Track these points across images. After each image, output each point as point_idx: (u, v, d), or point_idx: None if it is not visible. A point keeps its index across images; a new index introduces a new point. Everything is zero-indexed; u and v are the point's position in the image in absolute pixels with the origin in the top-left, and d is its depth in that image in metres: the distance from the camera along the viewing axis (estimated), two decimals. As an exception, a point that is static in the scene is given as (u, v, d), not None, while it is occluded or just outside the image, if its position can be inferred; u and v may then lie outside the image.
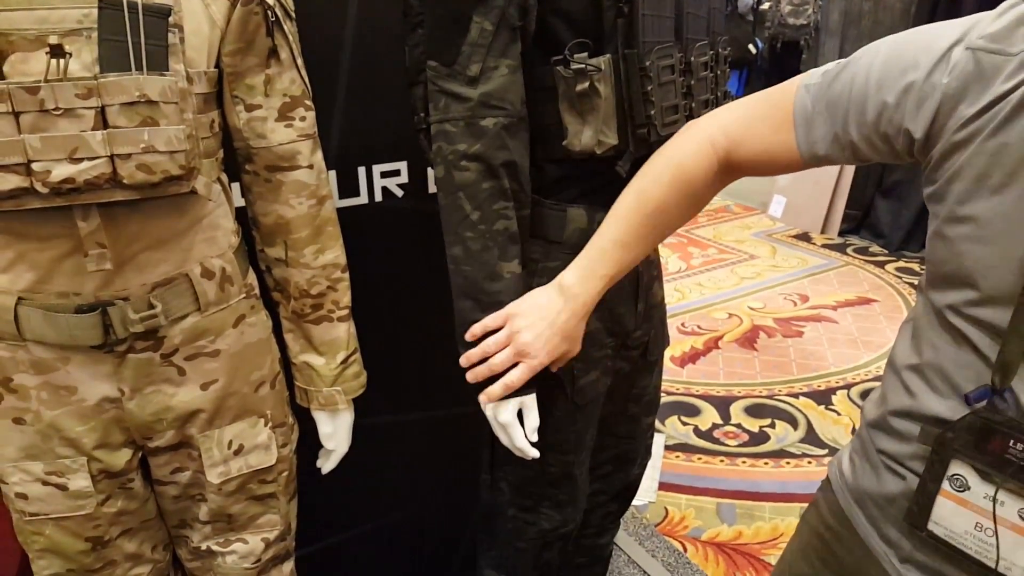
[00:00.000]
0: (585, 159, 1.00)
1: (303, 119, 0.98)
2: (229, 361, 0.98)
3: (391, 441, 1.49)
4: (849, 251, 4.31)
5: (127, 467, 0.96)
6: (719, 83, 1.14)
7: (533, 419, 1.01)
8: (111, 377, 0.90)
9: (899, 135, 0.68)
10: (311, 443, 1.16)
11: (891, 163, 0.74)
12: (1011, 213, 0.61)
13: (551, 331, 0.94)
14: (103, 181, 0.77)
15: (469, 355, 0.98)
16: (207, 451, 0.99)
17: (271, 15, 0.91)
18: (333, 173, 1.25)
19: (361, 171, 1.29)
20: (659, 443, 2.45)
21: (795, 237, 4.55)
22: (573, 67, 0.94)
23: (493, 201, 0.95)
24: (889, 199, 4.37)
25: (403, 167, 1.33)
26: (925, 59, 0.65)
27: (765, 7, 6.35)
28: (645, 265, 1.17)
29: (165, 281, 0.90)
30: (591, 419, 1.18)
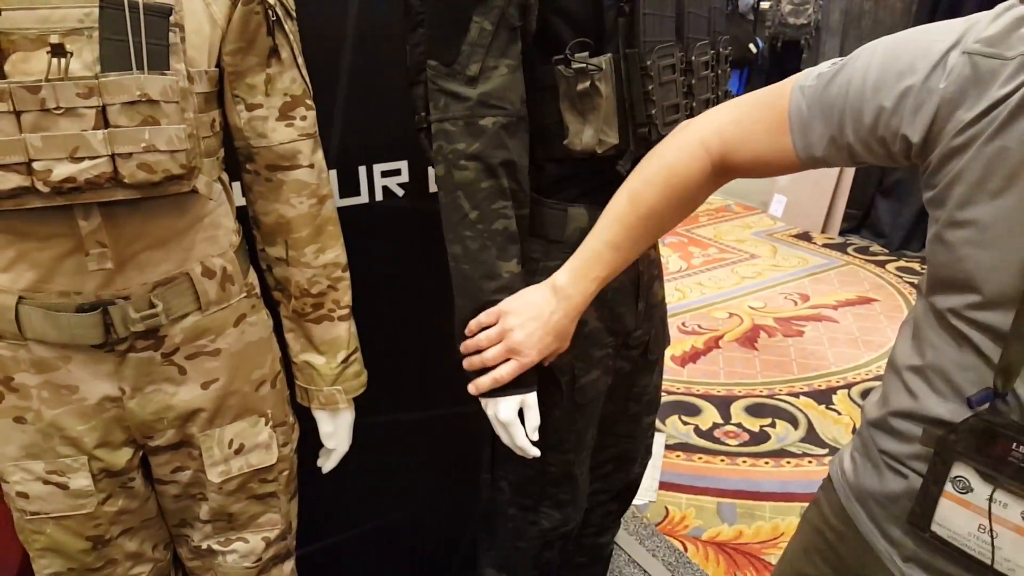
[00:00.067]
0: (586, 158, 1.00)
1: (304, 118, 0.98)
2: (230, 360, 0.98)
3: (392, 440, 1.49)
4: (850, 251, 4.30)
5: (128, 466, 0.96)
6: (720, 82, 1.14)
7: (534, 418, 1.02)
8: (112, 376, 0.91)
9: (896, 140, 0.68)
10: (312, 442, 1.16)
11: (888, 165, 0.74)
12: (1011, 217, 0.61)
13: (543, 331, 0.94)
14: (104, 180, 0.77)
15: (465, 345, 0.99)
16: (208, 450, 0.99)
17: (272, 14, 0.91)
18: (334, 172, 1.25)
19: (362, 170, 1.29)
20: (659, 442, 2.45)
21: (796, 236, 4.55)
22: (574, 66, 0.94)
23: (492, 200, 0.96)
24: (890, 199, 4.37)
25: (404, 166, 1.33)
26: (922, 63, 0.65)
27: (766, 6, 6.35)
28: (646, 264, 1.17)
29: (166, 280, 0.90)
30: (592, 418, 1.18)
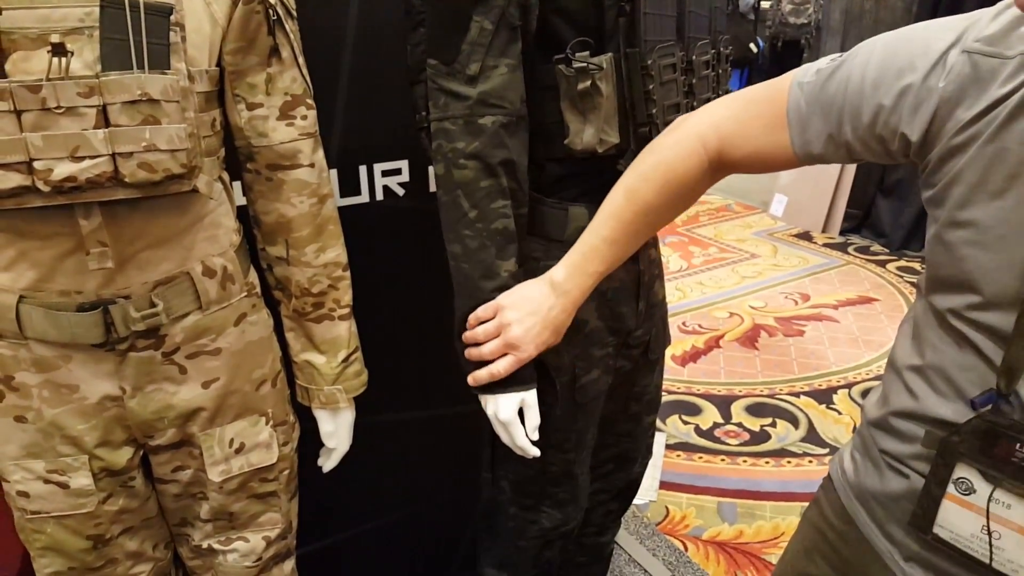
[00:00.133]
0: (586, 158, 1.00)
1: (304, 118, 0.98)
2: (230, 359, 0.98)
3: (392, 440, 1.49)
4: (850, 250, 4.30)
5: (128, 465, 0.96)
6: (720, 82, 1.14)
7: (534, 417, 1.02)
8: (112, 375, 0.91)
9: (895, 138, 0.67)
10: (312, 441, 1.16)
11: (887, 163, 0.74)
12: (1011, 217, 0.61)
13: (541, 326, 0.95)
14: (105, 179, 0.77)
15: (465, 336, 0.99)
16: (208, 449, 0.99)
17: (272, 14, 0.91)
18: (334, 172, 1.25)
19: (362, 170, 1.29)
20: (660, 442, 2.45)
21: (796, 236, 4.55)
22: (575, 66, 0.94)
23: (491, 200, 0.96)
24: (890, 198, 4.37)
25: (404, 166, 1.33)
26: (922, 62, 0.65)
27: (766, 6, 6.35)
28: (647, 264, 1.17)
29: (166, 279, 0.90)
30: (592, 417, 1.18)
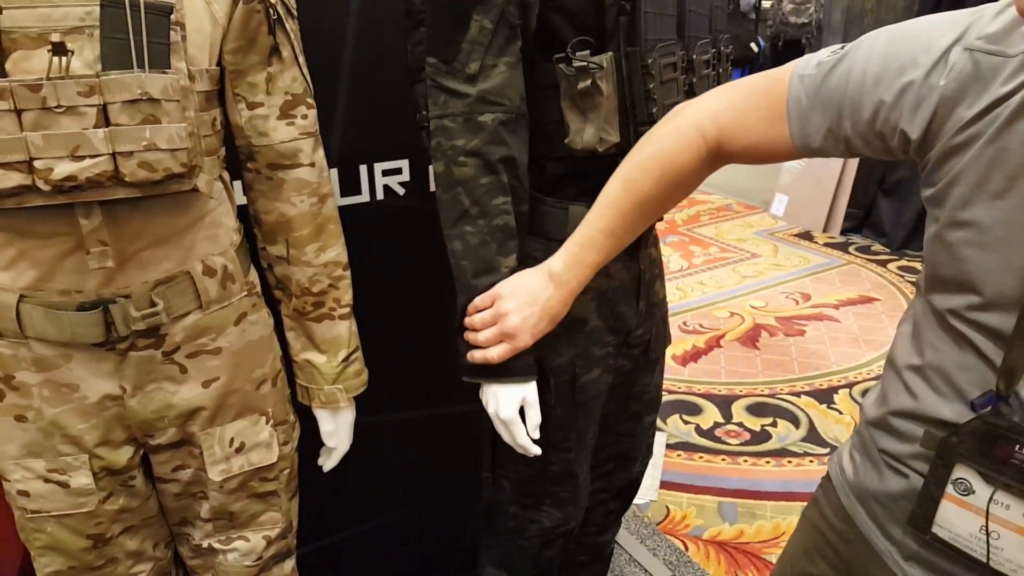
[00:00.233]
0: (587, 157, 1.00)
1: (305, 117, 0.98)
2: (231, 359, 0.98)
3: (392, 439, 1.49)
4: (851, 250, 4.30)
5: (128, 465, 0.96)
6: (721, 81, 1.14)
7: (534, 416, 1.02)
8: (113, 375, 0.91)
9: (895, 135, 0.67)
10: (312, 441, 1.16)
11: (885, 159, 0.73)
12: (1012, 219, 0.60)
13: (539, 315, 0.95)
14: (105, 179, 0.77)
15: (465, 322, 1.00)
16: (208, 449, 0.99)
17: (273, 13, 0.91)
18: (335, 171, 1.25)
19: (363, 169, 1.29)
20: (660, 442, 2.45)
21: (797, 236, 4.55)
22: (575, 65, 0.94)
23: (492, 196, 0.96)
24: (891, 198, 4.36)
25: (405, 165, 1.33)
26: (924, 58, 0.64)
27: (767, 5, 6.35)
28: (647, 263, 1.17)
29: (167, 279, 0.90)
30: (592, 417, 1.18)
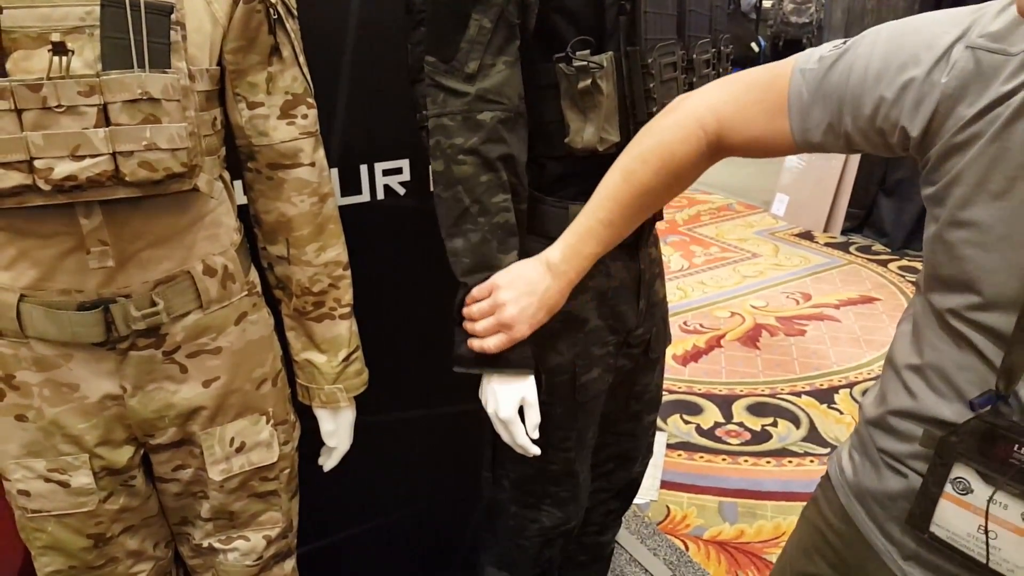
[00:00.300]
0: (587, 156, 1.00)
1: (305, 117, 0.98)
2: (231, 358, 0.98)
3: (393, 439, 1.49)
4: (852, 250, 4.30)
5: (129, 464, 0.96)
6: (721, 81, 1.14)
7: (534, 416, 1.02)
8: (113, 374, 0.91)
9: (895, 132, 0.67)
10: (312, 441, 1.16)
11: (886, 155, 0.73)
12: (1013, 219, 0.60)
13: (537, 306, 0.95)
14: (105, 178, 0.77)
15: (464, 312, 0.99)
16: (209, 448, 0.99)
17: (273, 13, 0.91)
18: (335, 171, 1.25)
19: (363, 169, 1.29)
20: (661, 441, 2.45)
21: (798, 236, 4.54)
22: (575, 64, 0.94)
23: (492, 194, 0.96)
24: (892, 198, 4.36)
25: (405, 165, 1.33)
26: (926, 56, 0.64)
27: (767, 5, 6.35)
28: (647, 263, 1.17)
29: (167, 278, 0.90)
30: (592, 416, 1.18)
